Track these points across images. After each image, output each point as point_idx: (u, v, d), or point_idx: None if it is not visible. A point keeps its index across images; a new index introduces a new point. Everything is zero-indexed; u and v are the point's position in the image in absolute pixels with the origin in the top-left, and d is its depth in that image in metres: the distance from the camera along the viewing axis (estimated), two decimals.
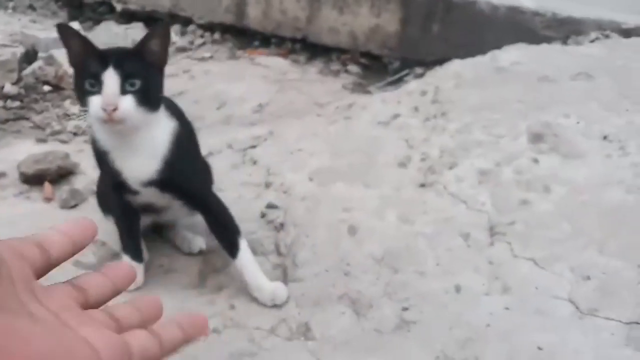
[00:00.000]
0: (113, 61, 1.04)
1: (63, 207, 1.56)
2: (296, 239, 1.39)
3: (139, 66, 1.06)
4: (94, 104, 1.04)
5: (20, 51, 2.33)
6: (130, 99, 1.05)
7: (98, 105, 1.03)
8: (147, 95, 1.07)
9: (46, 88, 2.24)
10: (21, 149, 1.83)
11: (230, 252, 1.25)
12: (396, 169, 1.58)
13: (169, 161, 1.15)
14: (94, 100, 1.04)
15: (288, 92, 2.32)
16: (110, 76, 1.03)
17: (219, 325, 1.18)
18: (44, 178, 1.64)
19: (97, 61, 1.04)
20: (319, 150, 1.72)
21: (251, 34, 2.78)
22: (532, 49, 2.02)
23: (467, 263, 1.27)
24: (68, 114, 2.06)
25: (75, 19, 2.91)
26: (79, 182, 1.65)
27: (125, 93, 1.04)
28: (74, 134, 1.97)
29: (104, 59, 1.04)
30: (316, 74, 2.54)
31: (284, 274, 1.33)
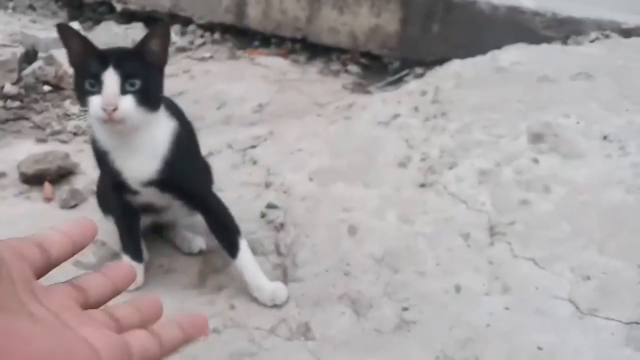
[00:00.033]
0: (113, 61, 1.04)
1: (63, 207, 1.56)
2: (296, 239, 1.39)
3: (139, 66, 1.06)
4: (94, 104, 1.04)
5: (20, 51, 2.33)
6: (130, 99, 1.05)
7: (98, 105, 1.03)
8: (147, 95, 1.07)
9: (46, 88, 2.24)
10: (21, 149, 1.83)
11: (230, 252, 1.25)
12: (396, 169, 1.58)
13: (169, 161, 1.15)
14: (94, 100, 1.04)
15: (288, 92, 2.32)
16: (110, 76, 1.03)
17: (219, 325, 1.18)
18: (44, 178, 1.64)
19: (97, 61, 1.04)
20: (319, 150, 1.72)
21: (251, 34, 2.78)
22: (532, 49, 2.02)
23: (467, 263, 1.27)
24: (68, 114, 2.06)
25: (75, 19, 2.91)
26: (79, 182, 1.65)
27: (125, 93, 1.04)
28: (74, 134, 1.97)
29: (104, 59, 1.04)
30: (316, 74, 2.54)
31: (284, 274, 1.33)
